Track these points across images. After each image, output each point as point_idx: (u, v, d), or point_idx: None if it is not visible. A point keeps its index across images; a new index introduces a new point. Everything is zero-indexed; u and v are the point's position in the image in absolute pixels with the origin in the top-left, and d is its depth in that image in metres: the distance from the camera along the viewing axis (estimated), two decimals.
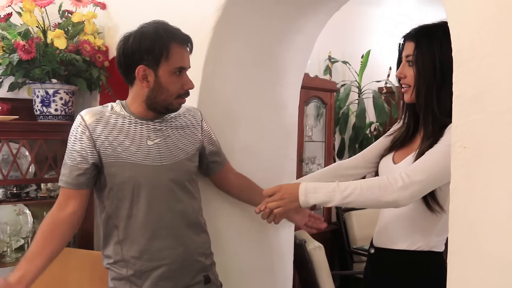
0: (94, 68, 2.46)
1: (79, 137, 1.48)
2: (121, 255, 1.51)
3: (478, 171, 0.85)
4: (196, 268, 1.55)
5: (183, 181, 1.54)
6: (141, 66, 1.44)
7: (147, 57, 1.43)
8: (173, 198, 1.51)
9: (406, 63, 1.40)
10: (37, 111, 2.45)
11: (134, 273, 1.49)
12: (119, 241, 1.51)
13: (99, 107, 1.57)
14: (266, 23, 1.91)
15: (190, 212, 1.56)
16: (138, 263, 1.49)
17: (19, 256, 2.44)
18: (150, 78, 1.46)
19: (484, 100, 0.83)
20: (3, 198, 2.44)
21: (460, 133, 0.87)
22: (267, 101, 2.07)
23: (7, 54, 2.31)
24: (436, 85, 1.33)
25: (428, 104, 1.35)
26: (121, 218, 1.50)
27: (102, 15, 2.55)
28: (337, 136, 4.03)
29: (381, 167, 1.54)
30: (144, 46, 1.43)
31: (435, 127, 1.33)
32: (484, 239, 0.84)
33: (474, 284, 0.86)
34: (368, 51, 4.04)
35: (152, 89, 1.47)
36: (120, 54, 1.49)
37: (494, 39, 0.82)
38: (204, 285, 1.57)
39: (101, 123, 1.49)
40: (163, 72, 1.45)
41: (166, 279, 1.50)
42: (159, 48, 1.43)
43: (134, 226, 1.49)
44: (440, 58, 1.33)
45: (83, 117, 1.50)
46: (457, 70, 0.87)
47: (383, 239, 1.47)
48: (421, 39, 1.37)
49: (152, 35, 1.44)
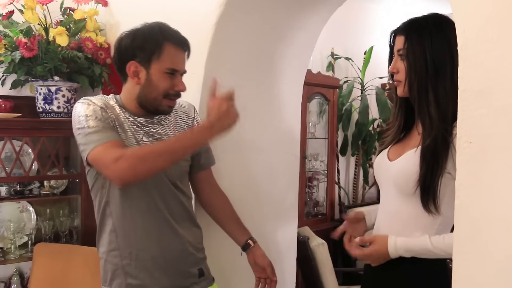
0: (96, 65, 2.45)
1: (96, 107, 1.43)
2: (116, 243, 1.50)
3: (483, 166, 0.84)
4: (190, 261, 1.56)
5: (175, 180, 1.54)
6: (132, 62, 1.44)
7: (139, 54, 1.44)
8: (167, 193, 1.52)
9: (398, 58, 1.39)
10: (40, 109, 2.45)
11: (130, 262, 1.49)
12: (114, 229, 1.50)
13: (98, 96, 1.54)
14: (269, 20, 1.90)
15: (183, 207, 1.56)
16: (134, 252, 1.49)
17: (23, 253, 2.45)
18: (141, 75, 1.45)
19: (489, 95, 0.82)
20: (6, 195, 2.45)
21: (465, 128, 0.86)
22: (270, 97, 2.06)
23: (9, 52, 2.31)
24: (429, 78, 1.32)
25: (422, 97, 1.33)
26: (116, 206, 1.49)
27: (104, 12, 2.54)
28: (340, 132, 4.01)
29: (376, 164, 1.52)
30: (137, 43, 1.44)
31: (433, 120, 1.31)
32: (490, 235, 0.83)
33: (480, 280, 0.85)
34: (371, 47, 4.03)
35: (143, 87, 1.46)
36: (116, 51, 1.50)
37: (500, 33, 0.81)
38: (198, 278, 1.58)
39: (109, 107, 1.47)
40: (155, 71, 1.45)
41: (162, 270, 1.50)
42: (151, 46, 1.43)
43: (129, 216, 1.48)
44: (431, 50, 1.32)
45: (91, 99, 1.47)
46: (462, 65, 0.86)
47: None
48: (411, 32, 1.36)
49: (146, 33, 1.45)
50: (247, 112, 1.98)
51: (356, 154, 4.12)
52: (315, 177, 3.71)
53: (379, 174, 1.50)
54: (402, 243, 1.34)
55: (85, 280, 2.14)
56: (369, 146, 3.98)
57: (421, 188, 1.31)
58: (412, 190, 1.33)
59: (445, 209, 1.32)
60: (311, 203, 3.69)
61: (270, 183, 2.08)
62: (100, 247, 1.56)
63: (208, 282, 1.62)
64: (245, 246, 1.69)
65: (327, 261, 2.92)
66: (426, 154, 1.31)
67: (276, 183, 2.11)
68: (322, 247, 2.90)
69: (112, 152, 1.35)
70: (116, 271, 1.51)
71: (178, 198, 1.55)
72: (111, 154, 1.35)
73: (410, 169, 1.34)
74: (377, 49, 4.05)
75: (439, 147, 1.29)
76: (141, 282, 1.49)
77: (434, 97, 1.31)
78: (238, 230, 1.71)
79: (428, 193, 1.31)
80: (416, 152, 1.34)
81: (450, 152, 1.28)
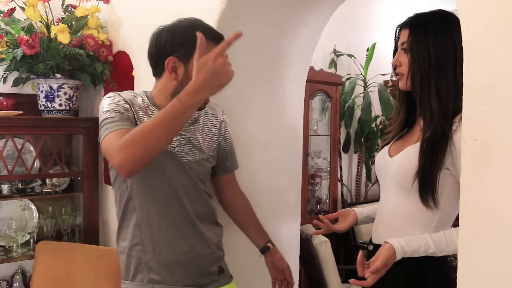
0: (98, 63, 2.45)
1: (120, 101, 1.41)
2: (140, 238, 1.49)
3: (488, 164, 0.83)
4: (211, 258, 1.56)
5: (200, 178, 1.54)
6: (171, 58, 1.43)
7: (179, 49, 1.42)
8: (191, 190, 1.51)
9: (402, 51, 1.40)
10: (42, 106, 2.45)
11: (153, 258, 1.48)
12: (138, 224, 1.49)
13: (128, 91, 1.52)
14: (271, 17, 1.89)
15: (206, 205, 1.57)
16: (158, 248, 1.48)
17: (25, 251, 2.45)
18: (180, 70, 1.44)
19: (495, 91, 0.81)
20: (8, 193, 2.45)
21: (470, 125, 0.85)
22: (272, 95, 2.06)
23: (11, 49, 2.31)
24: (432, 72, 1.32)
25: (424, 90, 1.34)
26: (140, 201, 1.48)
27: (105, 9, 2.54)
28: (343, 130, 4.01)
29: (377, 160, 1.53)
30: (177, 39, 1.43)
31: (433, 113, 1.31)
32: (495, 232, 0.82)
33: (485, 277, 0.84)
34: (373, 44, 4.01)
35: (180, 82, 1.44)
36: (152, 45, 1.47)
37: (505, 29, 0.80)
38: (218, 275, 1.58)
39: (135, 104, 1.46)
40: (193, 67, 1.43)
41: (183, 267, 1.50)
42: (192, 41, 1.37)
43: (153, 211, 1.48)
44: (435, 44, 1.32)
45: (119, 93, 1.46)
46: (467, 61, 0.85)
47: (381, 235, 1.45)
48: (416, 26, 1.37)
49: (186, 29, 1.43)
50: (250, 109, 1.97)
51: (358, 151, 4.11)
52: (317, 175, 3.71)
53: (380, 170, 1.51)
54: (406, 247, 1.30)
55: (87, 278, 2.15)
56: (371, 143, 3.97)
57: (419, 181, 1.31)
58: (410, 184, 1.33)
59: (444, 204, 1.32)
60: (313, 201, 3.69)
61: (272, 181, 2.07)
62: (121, 241, 1.55)
63: (227, 279, 1.63)
64: (264, 249, 1.72)
65: (330, 258, 2.91)
66: (425, 147, 1.31)
67: (278, 180, 2.10)
68: (325, 245, 2.90)
69: (116, 142, 1.27)
70: (139, 266, 1.50)
71: (202, 196, 1.55)
72: (115, 145, 1.27)
73: (409, 164, 1.34)
74: (380, 46, 4.04)
75: (438, 141, 1.29)
76: (163, 278, 1.49)
77: (435, 91, 1.32)
78: (258, 234, 1.74)
79: (426, 187, 1.30)
80: (415, 147, 1.34)
81: (449, 147, 1.28)
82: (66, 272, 2.17)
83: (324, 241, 2.90)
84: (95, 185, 2.56)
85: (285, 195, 2.14)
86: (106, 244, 2.60)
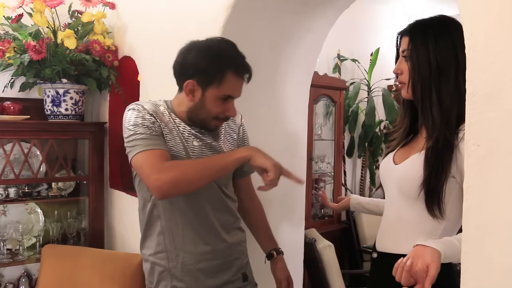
0: (103, 68, 2.47)
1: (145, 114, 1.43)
2: (164, 245, 1.50)
3: (491, 170, 0.83)
4: (236, 265, 1.56)
5: (222, 185, 1.55)
6: (190, 81, 1.43)
7: (200, 75, 1.42)
8: (215, 197, 1.52)
9: (403, 59, 1.38)
10: (48, 111, 2.47)
11: (176, 265, 1.49)
12: (162, 232, 1.50)
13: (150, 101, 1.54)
14: (275, 22, 1.91)
15: (229, 211, 1.57)
16: (181, 255, 1.49)
17: (31, 254, 2.47)
18: (197, 94, 1.44)
19: (498, 98, 0.82)
20: (15, 197, 2.47)
21: (473, 131, 0.85)
22: (277, 99, 2.07)
23: (18, 55, 2.33)
24: (433, 79, 1.30)
25: (425, 99, 1.32)
26: (165, 209, 1.49)
27: (111, 15, 2.56)
28: (347, 134, 4.01)
29: (381, 167, 1.51)
30: (201, 65, 1.41)
31: (435, 121, 1.30)
32: (499, 238, 0.83)
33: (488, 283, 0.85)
34: (377, 49, 4.02)
35: (196, 105, 1.45)
36: (178, 62, 1.47)
37: (508, 35, 0.80)
38: (242, 282, 1.58)
39: (158, 114, 1.47)
40: (210, 95, 1.43)
41: (207, 274, 1.50)
42: (214, 71, 1.40)
43: (178, 219, 1.49)
44: (435, 51, 1.30)
45: (143, 105, 1.46)
46: (470, 67, 0.86)
47: (386, 243, 1.44)
48: (415, 33, 1.35)
49: (213, 57, 1.42)
50: (254, 113, 1.98)
51: (362, 156, 4.11)
52: (321, 179, 3.71)
53: (385, 177, 1.49)
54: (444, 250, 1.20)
55: (92, 281, 2.15)
56: (375, 147, 3.97)
57: (425, 191, 1.29)
58: (416, 194, 1.31)
59: (450, 213, 1.30)
60: (317, 205, 3.69)
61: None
62: (145, 249, 1.56)
63: (251, 286, 1.62)
64: (268, 255, 1.72)
65: (334, 263, 2.91)
66: (429, 156, 1.29)
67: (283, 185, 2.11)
68: (329, 249, 2.90)
69: (155, 162, 1.35)
70: (162, 273, 1.51)
71: (225, 203, 1.55)
72: (153, 165, 1.35)
73: (414, 173, 1.32)
74: (384, 50, 4.05)
75: (442, 150, 1.27)
76: (186, 285, 1.49)
77: (437, 99, 1.30)
78: (266, 239, 1.74)
79: (432, 197, 1.28)
80: (420, 156, 1.32)
81: (454, 155, 1.26)
82: (72, 275, 2.18)
83: (328, 245, 2.90)
84: (101, 189, 2.58)
85: (290, 199, 2.15)
86: (111, 248, 2.61)
